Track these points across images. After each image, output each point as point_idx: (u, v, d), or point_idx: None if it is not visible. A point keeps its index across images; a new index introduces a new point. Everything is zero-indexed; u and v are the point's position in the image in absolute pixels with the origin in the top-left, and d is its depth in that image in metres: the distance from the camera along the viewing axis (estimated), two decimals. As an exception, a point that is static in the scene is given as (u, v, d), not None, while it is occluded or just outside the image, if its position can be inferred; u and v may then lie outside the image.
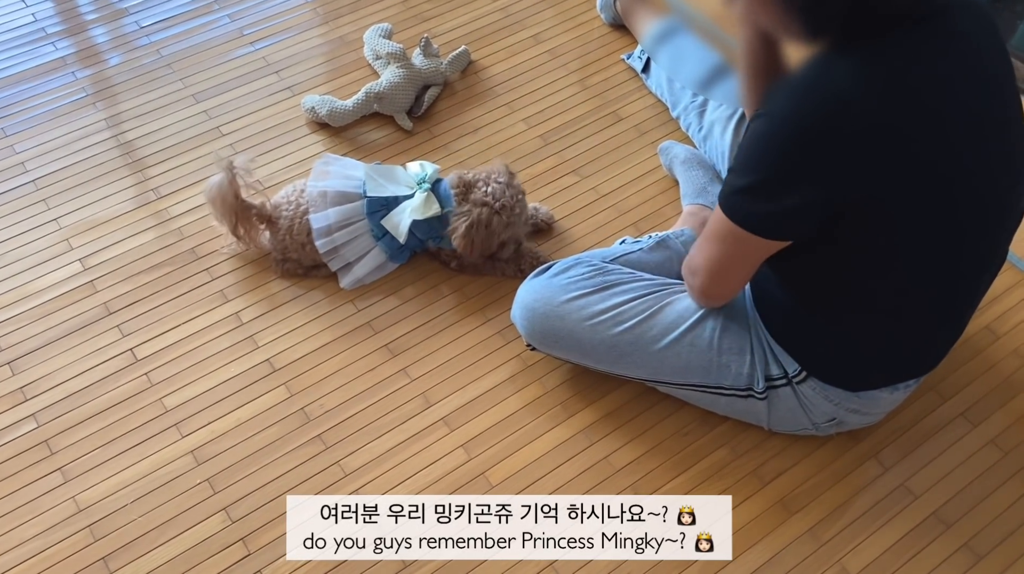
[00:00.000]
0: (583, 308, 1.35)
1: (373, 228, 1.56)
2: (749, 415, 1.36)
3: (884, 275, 1.13)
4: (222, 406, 1.46)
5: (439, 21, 2.07)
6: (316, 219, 1.54)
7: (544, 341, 1.40)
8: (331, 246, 1.55)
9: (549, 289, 1.39)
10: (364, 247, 1.58)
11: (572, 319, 1.36)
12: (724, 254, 1.17)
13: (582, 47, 2.02)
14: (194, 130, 1.86)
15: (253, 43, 2.03)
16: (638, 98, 1.91)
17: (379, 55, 1.93)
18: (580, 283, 1.37)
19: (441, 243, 1.58)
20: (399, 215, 1.55)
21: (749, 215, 1.10)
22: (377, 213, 1.55)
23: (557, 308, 1.37)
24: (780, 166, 1.06)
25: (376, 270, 1.59)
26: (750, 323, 1.31)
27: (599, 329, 1.34)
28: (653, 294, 1.35)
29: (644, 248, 1.48)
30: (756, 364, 1.30)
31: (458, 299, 1.60)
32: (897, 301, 1.16)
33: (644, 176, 1.78)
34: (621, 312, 1.34)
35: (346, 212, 1.55)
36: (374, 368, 1.50)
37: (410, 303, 1.59)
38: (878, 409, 1.32)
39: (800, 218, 1.08)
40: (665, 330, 1.32)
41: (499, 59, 2.00)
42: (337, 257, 1.57)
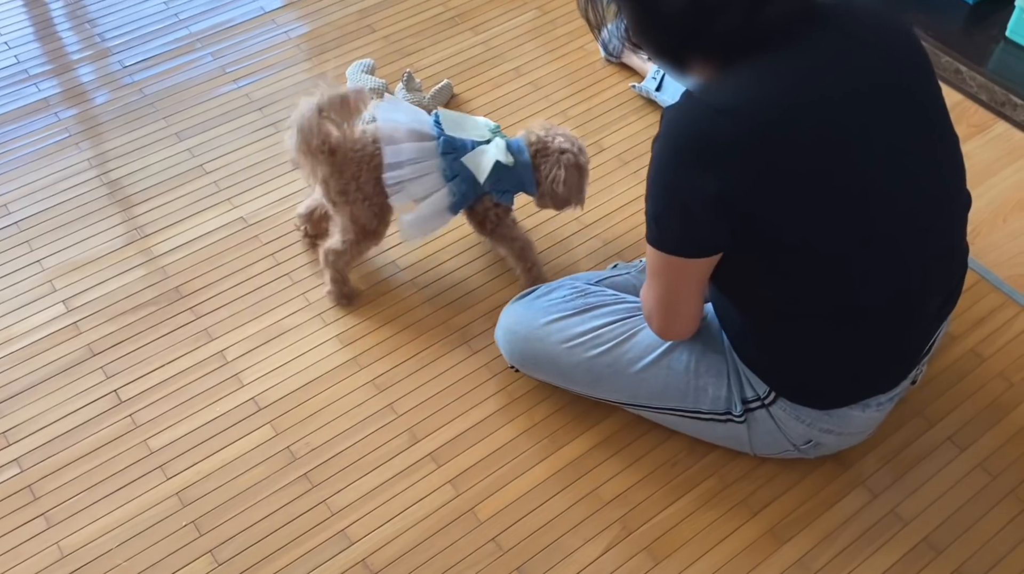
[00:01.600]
0: (562, 331, 1.36)
1: (445, 169, 1.48)
2: (732, 441, 1.37)
3: (817, 285, 1.14)
4: (207, 446, 1.45)
5: (421, 55, 2.10)
6: (390, 152, 1.46)
7: (525, 364, 1.42)
8: (399, 179, 1.47)
9: (530, 311, 1.40)
10: (432, 185, 1.49)
11: (551, 342, 1.37)
12: (667, 287, 1.19)
13: (564, 79, 2.04)
14: (177, 168, 1.87)
15: (236, 80, 2.04)
16: (619, 127, 1.93)
17: (362, 90, 1.94)
18: (560, 305, 1.38)
19: (503, 198, 1.54)
20: (481, 154, 1.49)
21: (668, 240, 1.13)
22: (450, 155, 1.48)
23: (537, 331, 1.37)
24: (670, 184, 1.09)
25: (433, 220, 1.52)
26: (724, 347, 1.32)
27: (576, 352, 1.35)
28: (632, 318, 1.36)
29: (632, 272, 1.49)
30: (732, 387, 1.30)
31: (444, 331, 1.60)
32: (840, 312, 1.17)
33: (628, 205, 1.79)
34: (598, 335, 1.34)
35: (419, 149, 1.49)
36: (360, 404, 1.50)
37: (396, 337, 1.59)
38: (853, 429, 1.32)
39: (709, 230, 1.10)
40: (642, 353, 1.33)
41: (482, 91, 2.02)
42: (403, 192, 1.48)
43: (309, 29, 2.16)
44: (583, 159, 1.54)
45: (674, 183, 1.09)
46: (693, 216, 1.09)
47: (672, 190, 1.09)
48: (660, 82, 1.91)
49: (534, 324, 1.38)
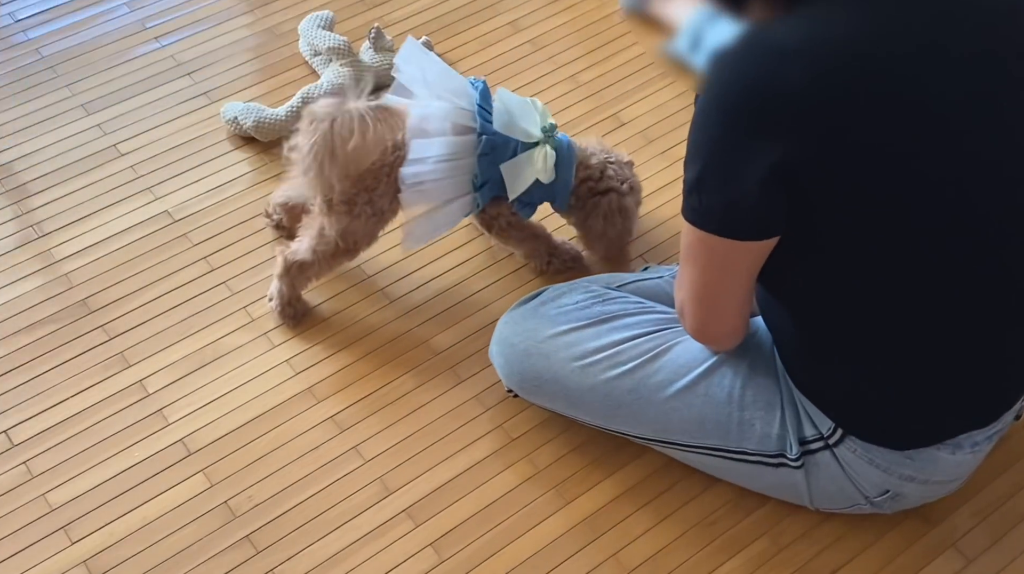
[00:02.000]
0: (573, 345, 1.36)
1: (478, 173, 1.50)
2: (787, 491, 1.36)
3: (899, 284, 1.13)
4: (123, 502, 1.44)
5: (392, 6, 2.10)
6: (417, 147, 1.46)
7: (525, 385, 1.41)
8: (419, 179, 1.47)
9: (534, 320, 1.40)
10: (456, 191, 1.51)
11: (559, 359, 1.37)
12: (703, 275, 1.18)
13: (572, 36, 2.05)
14: (84, 149, 1.86)
15: (159, 38, 2.04)
16: (642, 97, 1.94)
17: (318, 50, 1.95)
18: (573, 314, 1.38)
19: (524, 210, 1.57)
20: (521, 166, 1.51)
21: (710, 216, 1.12)
22: (484, 157, 1.50)
23: (541, 345, 1.37)
24: (718, 145, 1.08)
25: (446, 224, 1.54)
26: (778, 372, 1.32)
27: (591, 372, 1.35)
28: (663, 330, 1.36)
29: (667, 276, 1.49)
30: (787, 422, 1.30)
31: (424, 354, 1.60)
32: (926, 321, 1.16)
33: (655, 194, 1.79)
34: (620, 351, 1.34)
35: (451, 144, 1.48)
36: (317, 447, 1.50)
37: (362, 362, 1.59)
38: (942, 475, 1.31)
39: (765, 207, 1.09)
40: (674, 375, 1.33)
41: (469, 52, 2.02)
42: (419, 193, 1.49)
43: (251, -27, 2.17)
44: (629, 202, 1.58)
45: (723, 144, 1.08)
46: (745, 188, 1.08)
47: (720, 153, 1.08)
48: (696, 41, 1.91)
49: (538, 336, 1.38)
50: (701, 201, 1.12)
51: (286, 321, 1.62)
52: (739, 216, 1.11)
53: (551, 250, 1.67)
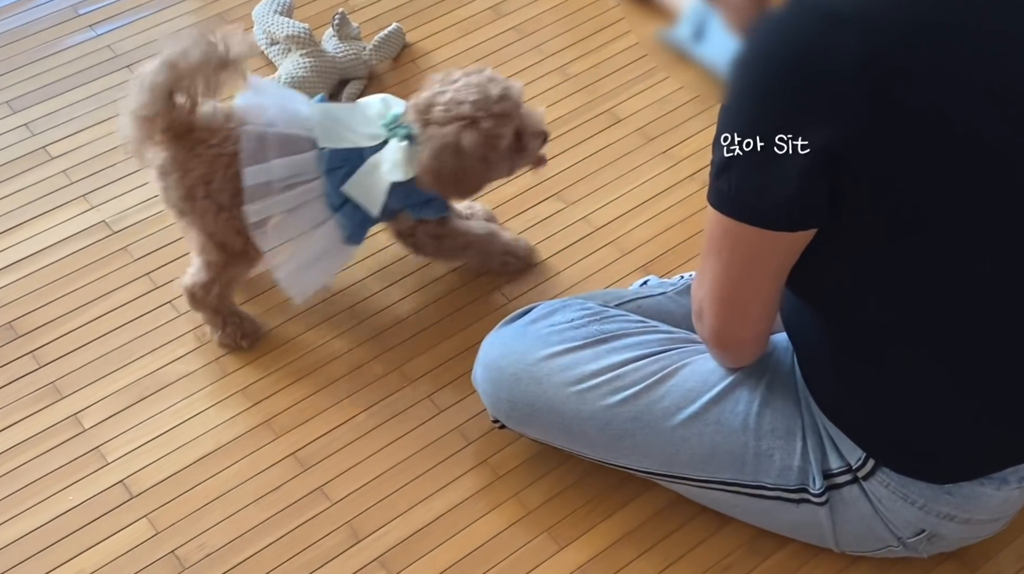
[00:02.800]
0: (569, 368, 1.37)
1: (331, 193, 1.52)
2: (808, 530, 1.37)
3: (946, 288, 1.14)
4: (57, 552, 1.43)
5: (359, -11, 2.11)
6: (252, 173, 1.48)
7: (515, 414, 1.42)
8: (267, 214, 1.49)
9: (524, 340, 1.40)
10: (313, 219, 1.52)
11: (553, 383, 1.37)
12: (728, 270, 1.17)
13: (561, 21, 2.06)
14: (10, 152, 1.86)
15: (93, 27, 2.04)
16: (640, 91, 1.95)
17: (275, 39, 1.95)
18: (567, 333, 1.39)
19: (424, 212, 1.57)
20: (369, 175, 1.51)
21: (740, 202, 1.11)
22: (337, 171, 1.51)
23: (533, 367, 1.38)
24: (756, 122, 1.08)
25: (326, 259, 1.55)
26: (800, 395, 1.32)
27: (589, 398, 1.35)
28: (669, 351, 1.37)
29: (669, 292, 1.50)
30: (810, 453, 1.30)
31: (396, 381, 1.60)
32: (973, 332, 1.17)
33: (655, 199, 1.81)
34: (621, 374, 1.35)
35: (294, 166, 1.50)
36: (277, 488, 1.49)
37: (326, 391, 1.59)
38: (985, 514, 1.31)
39: (805, 194, 1.09)
40: (682, 401, 1.33)
41: (445, 40, 2.03)
42: (271, 231, 1.51)
43: (198, -47, 2.17)
44: (468, 137, 1.46)
45: (762, 121, 1.07)
46: (783, 171, 1.07)
47: (757, 130, 1.08)
48: (700, 28, 1.92)
49: (528, 358, 1.39)
50: (731, 184, 1.12)
51: (235, 345, 1.62)
52: (774, 203, 1.10)
53: (504, 249, 1.66)
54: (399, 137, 1.51)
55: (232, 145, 1.48)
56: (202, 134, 1.48)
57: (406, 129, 1.51)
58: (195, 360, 1.62)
